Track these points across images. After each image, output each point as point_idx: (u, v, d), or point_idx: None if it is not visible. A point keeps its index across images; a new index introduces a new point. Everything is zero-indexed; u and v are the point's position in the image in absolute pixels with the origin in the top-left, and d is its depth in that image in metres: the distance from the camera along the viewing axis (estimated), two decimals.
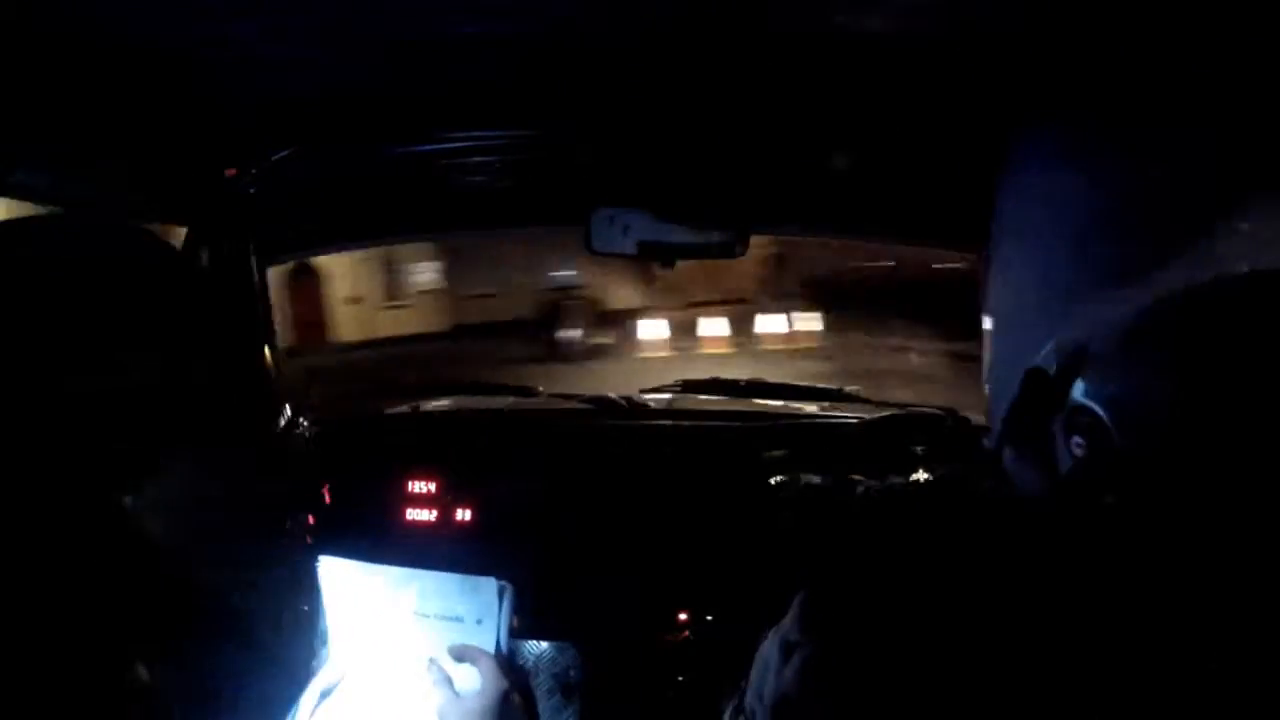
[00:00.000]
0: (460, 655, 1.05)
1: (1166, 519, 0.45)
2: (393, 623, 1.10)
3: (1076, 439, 0.48)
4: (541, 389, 1.94)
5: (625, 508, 1.67)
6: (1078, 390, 0.48)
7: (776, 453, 1.68)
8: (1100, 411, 0.47)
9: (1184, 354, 0.44)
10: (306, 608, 1.16)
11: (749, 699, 0.53)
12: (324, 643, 1.08)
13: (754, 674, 0.53)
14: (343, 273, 15.07)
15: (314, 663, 1.01)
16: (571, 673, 1.79)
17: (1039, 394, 0.50)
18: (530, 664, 1.87)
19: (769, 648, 0.52)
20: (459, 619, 1.10)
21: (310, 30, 0.94)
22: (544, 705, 1.85)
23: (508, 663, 1.09)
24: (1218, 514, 0.43)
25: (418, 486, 1.67)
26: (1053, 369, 0.49)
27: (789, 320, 13.43)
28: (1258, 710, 0.41)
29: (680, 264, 1.55)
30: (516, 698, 1.01)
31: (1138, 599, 0.43)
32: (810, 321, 13.39)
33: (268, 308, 1.62)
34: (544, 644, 1.85)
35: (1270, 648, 0.41)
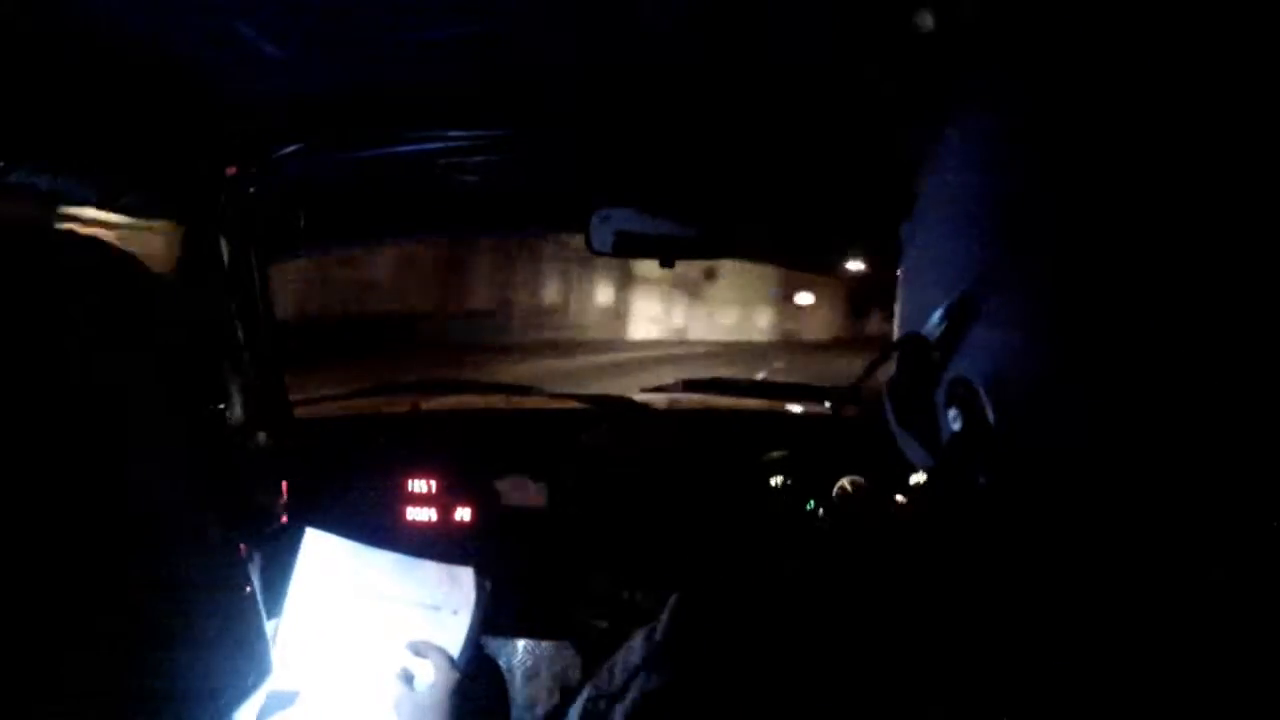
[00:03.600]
0: (421, 648, 1.05)
1: (1036, 506, 0.44)
2: (369, 606, 1.10)
3: (952, 412, 0.47)
4: (542, 388, 1.94)
5: (625, 507, 1.67)
6: (957, 361, 0.47)
7: (776, 453, 1.68)
8: (976, 384, 0.46)
9: (1061, 330, 0.43)
10: (244, 605, 1.16)
11: (607, 699, 0.52)
12: (264, 639, 1.07)
13: (617, 673, 0.52)
14: None
15: (253, 659, 1.01)
16: (571, 672, 1.80)
17: (918, 363, 0.49)
18: (530, 664, 1.87)
19: (637, 652, 0.51)
20: (436, 607, 1.11)
21: (310, 30, 0.94)
22: (543, 705, 1.86)
23: (478, 655, 1.09)
24: (1093, 500, 0.43)
25: (417, 486, 1.67)
26: (934, 338, 0.48)
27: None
28: (1111, 704, 0.41)
29: None
30: (471, 689, 1.01)
31: (1002, 600, 0.43)
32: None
33: (268, 306, 1.62)
34: (544, 643, 1.85)
35: (1120, 642, 0.41)
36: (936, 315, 0.48)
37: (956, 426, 0.47)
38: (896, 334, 0.54)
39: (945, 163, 0.51)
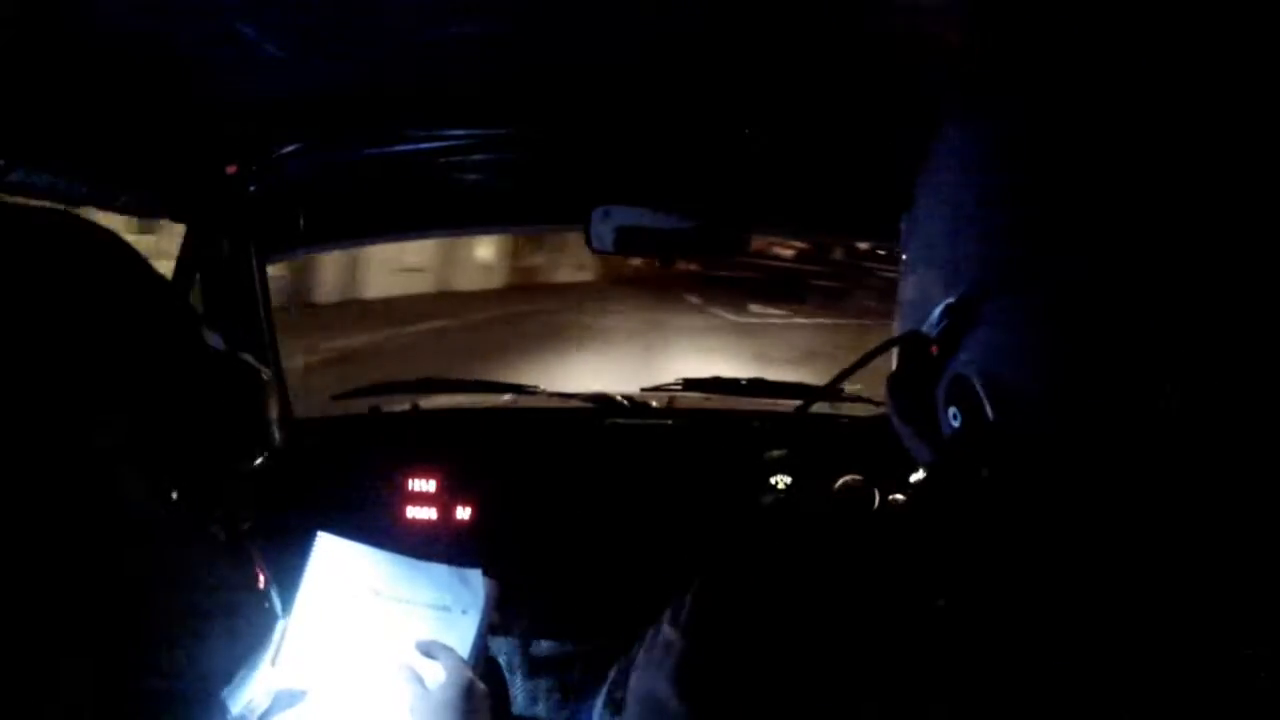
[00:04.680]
0: (430, 648, 1.05)
1: (1037, 500, 0.44)
2: (379, 607, 1.11)
3: (953, 410, 0.48)
4: (542, 388, 1.94)
5: (625, 506, 1.67)
6: (958, 358, 0.48)
7: (776, 452, 1.68)
8: (975, 382, 0.46)
9: (1058, 331, 0.44)
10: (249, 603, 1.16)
11: (625, 688, 0.53)
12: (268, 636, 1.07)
13: (636, 663, 0.53)
14: None
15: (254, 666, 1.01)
16: (571, 672, 1.80)
17: (919, 360, 0.50)
18: (530, 664, 1.87)
19: (650, 639, 0.51)
20: (446, 608, 1.12)
21: (310, 30, 0.94)
22: (544, 704, 1.86)
23: (484, 654, 1.10)
24: (1091, 495, 0.43)
25: (418, 485, 1.67)
26: (934, 335, 0.49)
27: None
28: (1117, 702, 0.41)
29: None
30: (482, 688, 1.01)
31: (1004, 591, 0.43)
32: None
33: (268, 306, 1.62)
34: (544, 643, 1.85)
35: (1124, 639, 0.41)
36: (936, 312, 0.48)
37: (956, 424, 0.48)
38: (897, 327, 0.54)
39: (943, 160, 0.51)
